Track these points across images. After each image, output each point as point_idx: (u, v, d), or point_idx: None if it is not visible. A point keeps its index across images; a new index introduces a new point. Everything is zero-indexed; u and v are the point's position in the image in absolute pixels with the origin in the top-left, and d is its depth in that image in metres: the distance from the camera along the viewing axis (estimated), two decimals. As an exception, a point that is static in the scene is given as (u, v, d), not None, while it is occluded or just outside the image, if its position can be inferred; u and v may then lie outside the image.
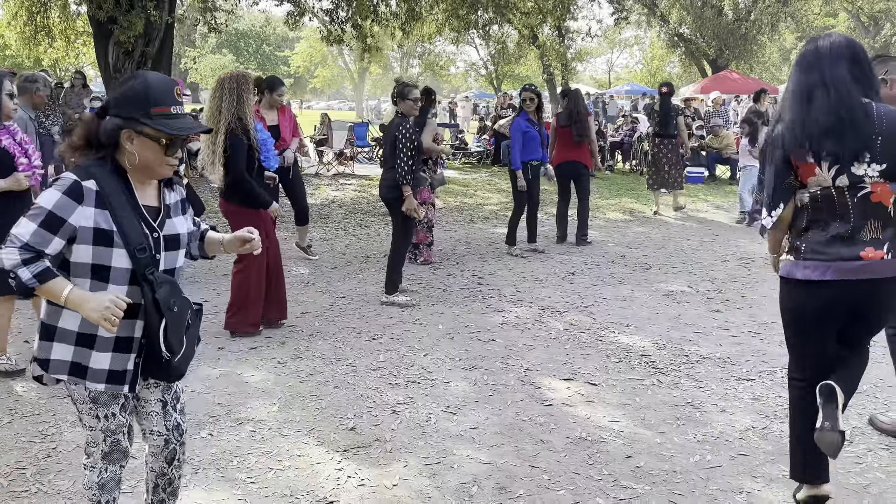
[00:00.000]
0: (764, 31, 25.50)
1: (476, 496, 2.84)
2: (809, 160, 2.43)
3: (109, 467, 2.22)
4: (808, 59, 2.50)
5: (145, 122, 1.96)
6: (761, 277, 6.36)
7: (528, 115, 7.08)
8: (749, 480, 2.95)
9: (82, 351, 2.03)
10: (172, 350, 2.04)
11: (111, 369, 2.05)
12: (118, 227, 1.96)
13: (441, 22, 19.17)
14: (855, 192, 2.41)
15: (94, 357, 2.03)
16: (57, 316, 2.04)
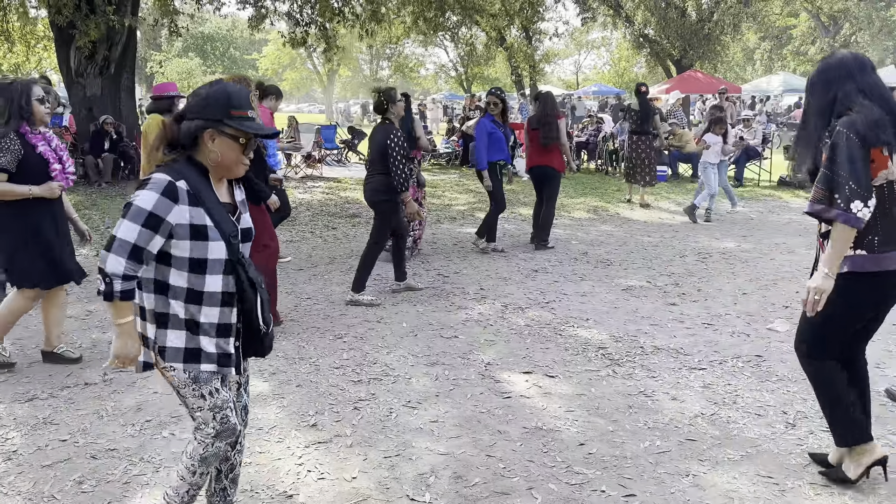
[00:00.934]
0: (726, 31, 25.96)
1: (433, 485, 2.92)
2: (885, 153, 2.63)
3: (217, 443, 2.30)
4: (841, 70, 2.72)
5: (228, 123, 2.15)
6: (717, 271, 6.54)
7: (492, 117, 7.17)
8: (696, 464, 3.08)
9: (192, 337, 2.19)
10: (268, 323, 2.29)
11: (218, 353, 2.22)
12: (213, 221, 2.14)
13: (409, 24, 19.25)
14: None
15: (203, 342, 2.19)
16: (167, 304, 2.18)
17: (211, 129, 2.14)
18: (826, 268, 2.66)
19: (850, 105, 2.65)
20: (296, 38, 13.60)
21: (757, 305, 5.44)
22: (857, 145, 2.57)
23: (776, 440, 3.29)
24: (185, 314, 2.17)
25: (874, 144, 2.60)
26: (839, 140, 2.60)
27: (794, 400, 3.72)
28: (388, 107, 5.54)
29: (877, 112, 2.60)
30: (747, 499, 2.80)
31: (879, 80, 2.72)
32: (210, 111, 2.14)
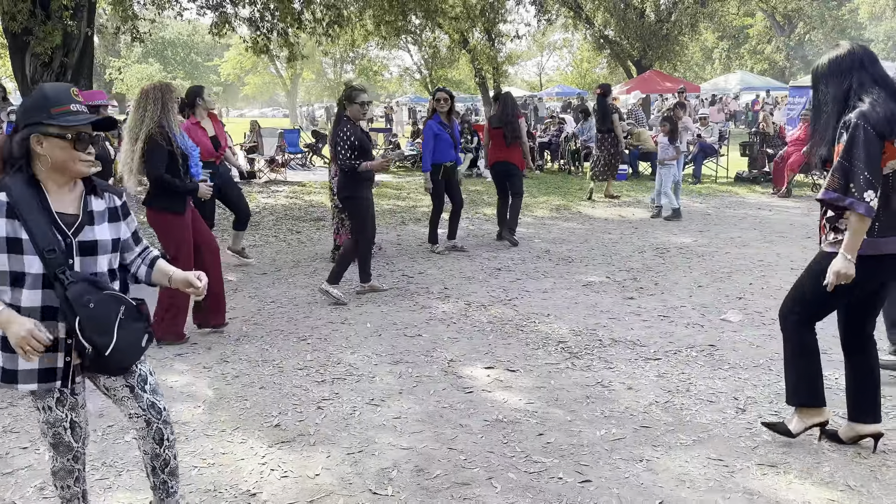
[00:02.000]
0: (685, 31, 26.48)
1: (395, 479, 2.97)
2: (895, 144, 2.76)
3: (58, 458, 2.33)
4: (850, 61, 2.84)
5: (48, 122, 2.09)
6: (674, 265, 6.71)
7: (440, 118, 7.18)
8: (650, 449, 3.18)
9: (10, 356, 2.13)
10: (95, 344, 2.11)
11: (40, 368, 2.16)
12: (28, 233, 2.06)
13: (370, 28, 19.25)
14: None
15: (22, 360, 2.11)
16: None
17: (35, 133, 2.09)
18: (848, 253, 2.80)
19: (864, 95, 2.77)
20: (258, 44, 13.53)
21: (711, 297, 5.61)
22: (874, 138, 2.71)
23: (727, 425, 3.41)
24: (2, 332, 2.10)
25: (888, 137, 2.73)
26: (857, 133, 2.72)
27: (744, 386, 3.86)
28: (344, 105, 5.70)
29: (891, 104, 2.74)
30: (698, 481, 2.92)
31: (884, 71, 2.86)
32: (30, 116, 2.10)
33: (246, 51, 14.02)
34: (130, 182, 4.50)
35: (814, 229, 8.35)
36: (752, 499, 2.78)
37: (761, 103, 27.39)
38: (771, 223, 8.82)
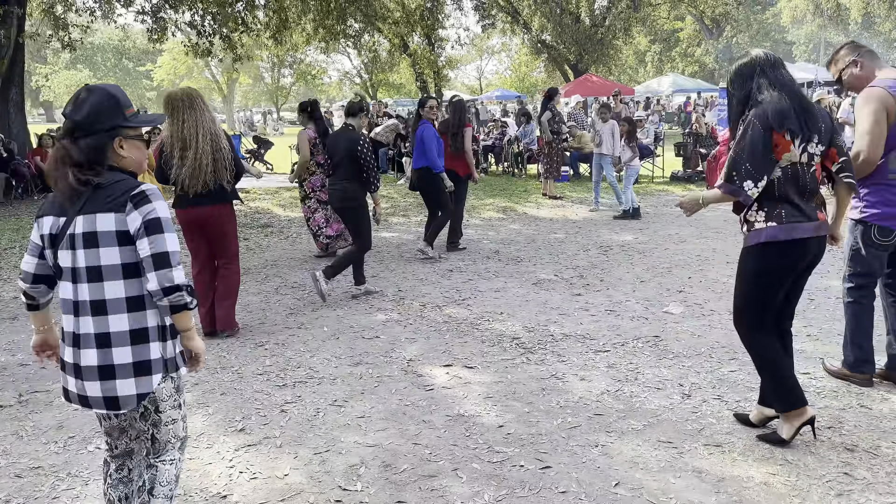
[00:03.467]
0: (618, 35, 27.28)
1: (363, 475, 3.07)
2: (787, 138, 2.95)
3: (183, 456, 2.35)
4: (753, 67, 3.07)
5: (126, 125, 2.16)
6: (618, 262, 6.98)
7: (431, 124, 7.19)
8: (604, 435, 3.36)
9: (170, 343, 2.23)
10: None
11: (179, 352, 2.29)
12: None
13: (310, 32, 19.18)
14: (809, 168, 3.02)
15: (171, 346, 2.23)
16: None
17: (118, 136, 2.13)
18: (703, 199, 3.22)
19: (761, 96, 3.02)
20: (199, 48, 13.35)
21: (654, 291, 5.88)
22: (759, 132, 2.94)
23: (674, 410, 3.63)
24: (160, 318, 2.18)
25: (779, 130, 2.95)
26: (747, 129, 2.98)
27: (688, 374, 4.09)
28: (357, 114, 5.96)
29: (784, 102, 2.97)
30: (650, 462, 3.11)
31: (788, 74, 3.10)
32: (105, 119, 2.10)
33: (187, 54, 13.80)
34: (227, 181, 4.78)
35: (746, 225, 8.79)
36: (700, 476, 2.98)
37: (693, 105, 28.38)
38: (706, 220, 9.24)
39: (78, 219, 2.07)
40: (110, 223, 2.05)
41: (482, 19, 24.96)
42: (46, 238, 2.14)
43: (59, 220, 2.11)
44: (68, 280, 2.10)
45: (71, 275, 2.09)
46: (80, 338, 2.09)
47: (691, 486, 2.91)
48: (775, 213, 3.02)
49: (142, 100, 52.95)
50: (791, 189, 3.01)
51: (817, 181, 3.07)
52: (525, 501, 2.83)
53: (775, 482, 2.92)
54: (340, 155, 5.82)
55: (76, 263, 2.07)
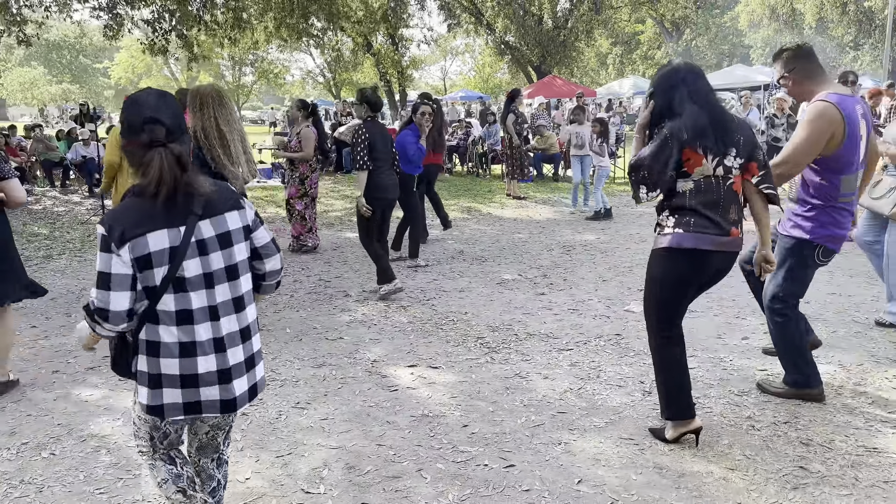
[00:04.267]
0: (581, 37, 27.57)
1: (326, 478, 3.04)
2: (699, 152, 2.99)
3: None
4: (673, 79, 3.10)
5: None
6: (580, 262, 7.05)
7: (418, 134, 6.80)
8: (567, 433, 3.39)
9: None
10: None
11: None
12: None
13: (271, 30, 18.96)
14: (725, 181, 3.05)
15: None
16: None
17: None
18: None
19: (681, 110, 3.04)
20: (156, 45, 13.10)
21: (615, 290, 5.95)
22: (666, 144, 2.99)
23: (635, 407, 3.68)
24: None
25: (691, 144, 2.98)
26: (657, 139, 3.03)
27: (649, 371, 4.15)
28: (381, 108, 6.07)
29: (702, 118, 3.00)
30: (612, 459, 3.14)
31: (707, 85, 3.12)
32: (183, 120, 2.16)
33: (143, 52, 13.53)
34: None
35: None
36: (661, 472, 3.03)
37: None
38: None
39: (202, 223, 2.06)
40: (237, 221, 2.15)
41: (447, 19, 25.00)
42: (161, 254, 2.00)
43: (175, 230, 2.02)
44: (199, 288, 2.06)
45: (204, 281, 2.07)
46: (225, 340, 2.11)
47: (652, 482, 2.95)
48: (684, 220, 3.05)
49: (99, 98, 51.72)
50: (703, 201, 3.04)
51: (736, 194, 3.09)
52: (489, 500, 2.84)
53: (734, 477, 2.97)
54: (387, 147, 5.86)
55: (209, 268, 2.08)
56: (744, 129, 3.10)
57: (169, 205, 2.02)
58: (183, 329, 2.06)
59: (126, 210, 2.02)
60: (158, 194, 1.99)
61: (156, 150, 1.99)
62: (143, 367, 2.11)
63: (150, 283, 2.02)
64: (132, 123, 2.03)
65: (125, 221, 1.99)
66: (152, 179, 1.98)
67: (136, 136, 2.02)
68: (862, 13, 32.80)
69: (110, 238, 1.97)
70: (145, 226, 1.99)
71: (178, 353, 2.06)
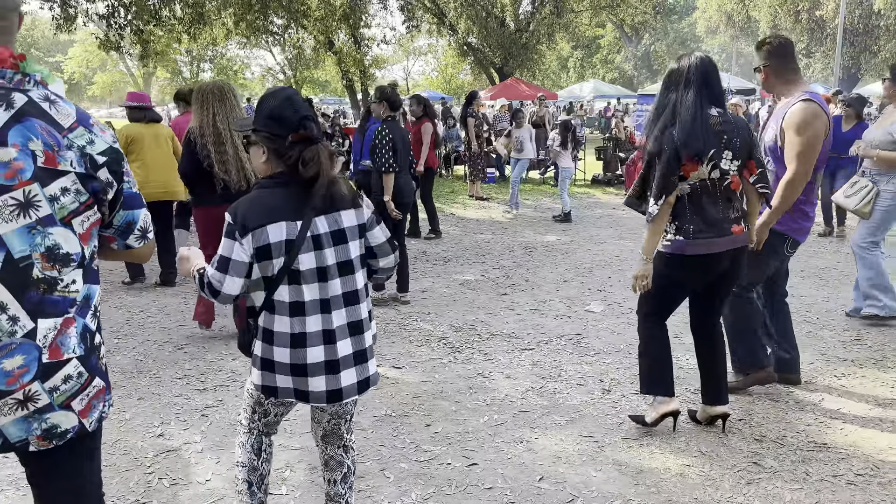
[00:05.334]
0: (542, 41, 27.77)
1: (289, 479, 3.02)
2: (694, 161, 3.05)
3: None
4: (677, 78, 3.13)
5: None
6: (542, 262, 7.13)
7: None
8: (529, 431, 3.43)
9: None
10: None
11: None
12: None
13: (230, 26, 18.70)
14: (722, 182, 3.12)
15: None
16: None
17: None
18: (644, 254, 3.21)
19: (678, 116, 3.08)
20: (109, 40, 12.79)
21: (576, 291, 6.03)
22: (675, 157, 3.04)
23: (595, 405, 3.74)
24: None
25: (685, 152, 3.04)
26: (662, 151, 3.06)
27: (608, 370, 4.22)
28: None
29: (696, 126, 3.04)
30: (573, 456, 3.19)
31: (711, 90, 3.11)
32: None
33: (99, 47, 13.20)
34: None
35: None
36: (620, 469, 3.08)
37: (613, 110, 29.25)
38: (625, 221, 9.54)
39: (318, 219, 2.14)
40: (353, 219, 2.21)
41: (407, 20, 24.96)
42: (279, 246, 2.09)
43: (293, 224, 2.11)
44: (312, 281, 2.13)
45: (317, 275, 2.14)
46: (335, 332, 2.16)
47: (612, 478, 3.00)
48: (684, 227, 3.14)
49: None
50: (700, 204, 3.12)
51: (734, 192, 3.18)
52: (452, 499, 2.86)
53: (690, 473, 3.05)
54: (406, 149, 5.60)
55: (324, 262, 2.15)
56: (742, 130, 3.15)
57: (291, 198, 2.12)
58: (296, 320, 2.13)
59: (253, 201, 2.12)
60: (314, 185, 2.11)
61: (316, 146, 2.12)
62: (258, 351, 2.21)
63: (268, 273, 2.12)
64: (288, 119, 2.12)
65: (251, 212, 2.09)
66: (317, 172, 2.10)
67: (289, 131, 2.12)
68: (814, 22, 33.82)
69: (235, 226, 2.09)
70: (268, 217, 2.09)
71: (289, 343, 2.13)
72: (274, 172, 2.16)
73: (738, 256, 3.24)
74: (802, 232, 3.72)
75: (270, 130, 2.13)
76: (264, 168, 2.19)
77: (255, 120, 2.19)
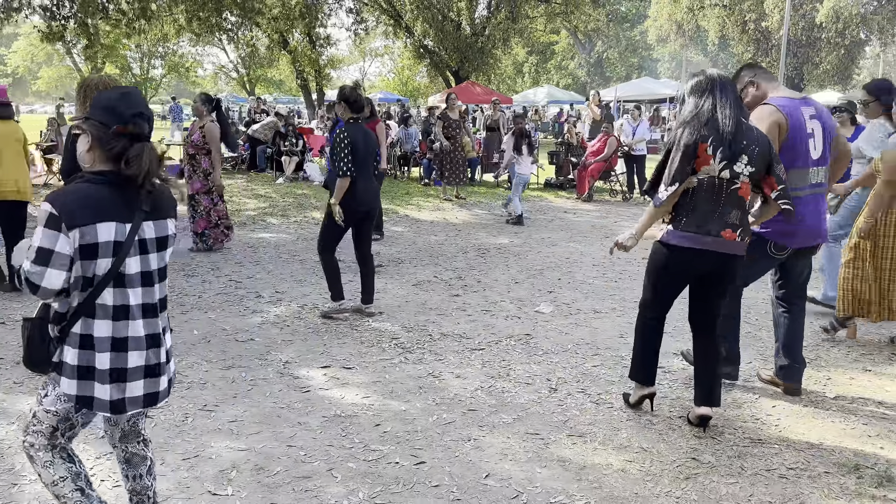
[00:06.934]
0: (497, 45, 27.99)
1: (234, 479, 3.00)
2: (708, 152, 3.19)
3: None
4: (705, 85, 3.32)
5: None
6: (494, 264, 7.21)
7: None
8: (476, 429, 3.48)
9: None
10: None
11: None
12: None
13: (182, 23, 18.35)
14: (730, 185, 3.24)
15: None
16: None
17: None
18: (635, 232, 3.45)
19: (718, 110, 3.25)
20: (52, 32, 12.43)
21: (527, 292, 6.12)
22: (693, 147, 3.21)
23: (542, 403, 3.81)
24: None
25: (703, 142, 3.19)
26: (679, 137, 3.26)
27: (556, 369, 4.31)
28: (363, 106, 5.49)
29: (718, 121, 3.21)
30: (519, 454, 3.25)
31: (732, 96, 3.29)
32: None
33: (42, 40, 12.82)
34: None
35: (612, 229, 9.32)
36: (564, 465, 3.15)
37: (566, 116, 29.66)
38: (575, 225, 9.71)
39: (146, 224, 2.14)
40: (172, 227, 2.25)
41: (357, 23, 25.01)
42: (107, 246, 2.05)
43: (123, 225, 2.08)
44: (136, 285, 2.13)
45: (141, 279, 2.14)
46: (156, 337, 2.19)
47: (556, 474, 3.07)
48: (678, 218, 3.31)
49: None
50: (701, 200, 3.26)
51: (741, 199, 3.28)
52: (399, 497, 2.88)
53: (631, 468, 3.14)
54: (368, 152, 5.25)
55: (149, 267, 2.16)
56: (761, 140, 3.28)
57: (121, 198, 2.08)
58: (121, 324, 2.11)
59: (79, 195, 2.04)
60: (139, 186, 2.08)
61: (143, 145, 2.08)
62: (70, 359, 2.11)
63: (89, 273, 2.05)
64: (121, 113, 2.08)
65: (79, 206, 2.02)
66: (138, 172, 2.06)
67: (118, 124, 2.08)
68: (760, 32, 34.89)
69: (60, 218, 2.00)
70: (97, 215, 2.04)
71: (111, 348, 2.10)
72: (101, 169, 2.11)
73: (729, 262, 3.33)
74: (785, 235, 3.71)
75: (99, 119, 2.10)
76: (87, 158, 2.14)
77: (91, 110, 2.15)
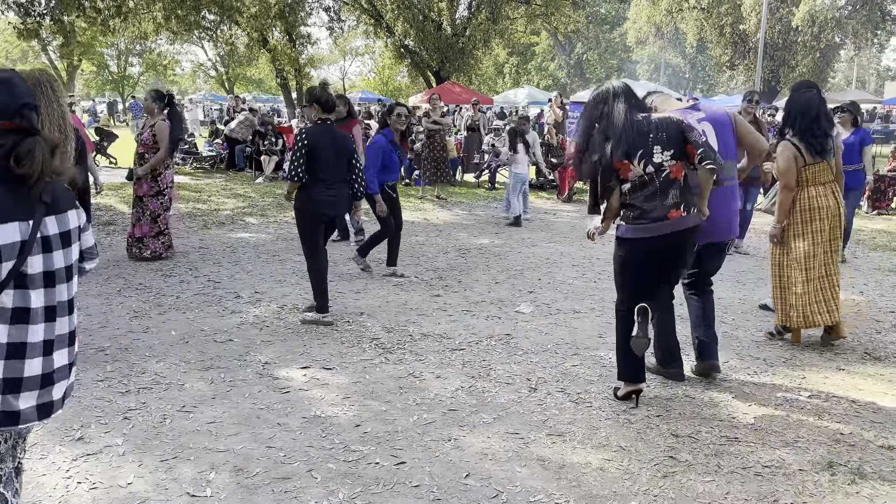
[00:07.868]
0: (478, 46, 28.04)
1: (213, 481, 2.98)
2: (625, 161, 3.52)
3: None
4: (601, 98, 3.61)
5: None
6: (475, 264, 7.22)
7: (391, 136, 6.37)
8: (457, 429, 3.49)
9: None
10: None
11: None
12: None
13: (160, 20, 18.17)
14: (660, 174, 3.53)
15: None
16: None
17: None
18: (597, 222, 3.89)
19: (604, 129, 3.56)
20: (28, 29, 12.26)
21: (507, 292, 6.15)
22: (608, 166, 3.56)
23: (521, 403, 3.83)
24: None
25: (611, 159, 3.53)
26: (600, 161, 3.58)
27: (535, 369, 4.33)
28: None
29: (620, 133, 3.50)
30: (499, 453, 3.27)
31: (625, 103, 3.56)
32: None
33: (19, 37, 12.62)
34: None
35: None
36: (544, 464, 3.17)
37: (545, 116, 29.77)
38: (555, 225, 9.76)
39: (48, 219, 1.94)
40: (75, 220, 2.06)
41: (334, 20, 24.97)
42: (12, 248, 1.84)
43: (25, 224, 1.87)
44: (38, 286, 1.92)
45: (44, 279, 1.94)
46: (55, 342, 1.99)
47: (535, 473, 3.09)
48: (627, 215, 3.64)
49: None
50: (641, 196, 3.57)
51: (675, 181, 3.56)
52: (379, 497, 2.88)
53: (610, 467, 3.16)
54: (337, 155, 5.04)
55: (52, 266, 1.96)
56: (666, 125, 3.55)
57: (16, 195, 1.87)
58: (16, 328, 1.90)
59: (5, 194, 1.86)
60: (36, 185, 1.89)
61: (34, 139, 1.88)
62: None
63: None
64: (4, 104, 1.89)
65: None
66: (32, 170, 1.87)
67: (7, 120, 1.89)
68: (737, 35, 35.28)
69: None
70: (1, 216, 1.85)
71: (4, 355, 1.89)
72: None
73: (684, 235, 3.61)
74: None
75: None
76: None
77: None
